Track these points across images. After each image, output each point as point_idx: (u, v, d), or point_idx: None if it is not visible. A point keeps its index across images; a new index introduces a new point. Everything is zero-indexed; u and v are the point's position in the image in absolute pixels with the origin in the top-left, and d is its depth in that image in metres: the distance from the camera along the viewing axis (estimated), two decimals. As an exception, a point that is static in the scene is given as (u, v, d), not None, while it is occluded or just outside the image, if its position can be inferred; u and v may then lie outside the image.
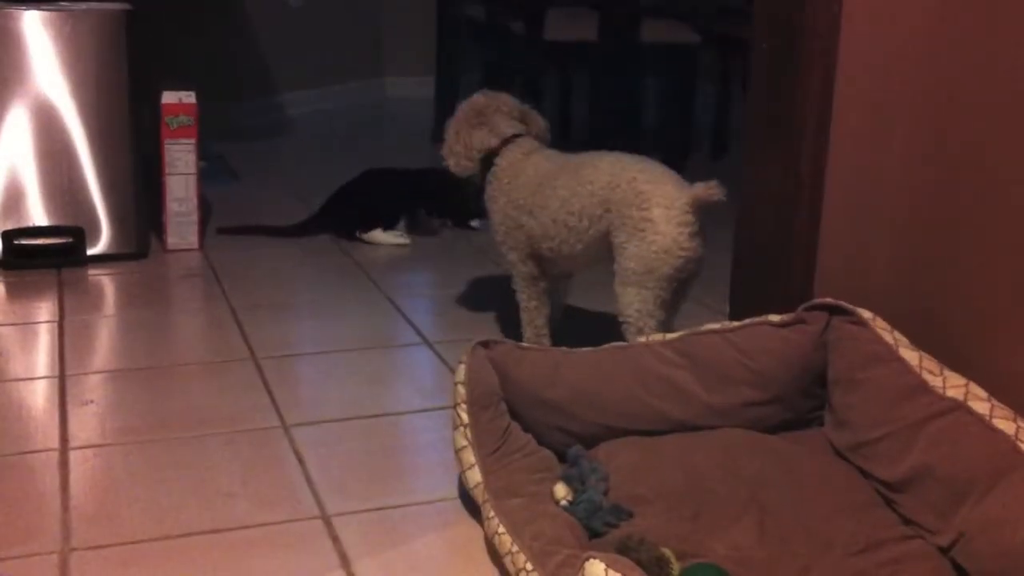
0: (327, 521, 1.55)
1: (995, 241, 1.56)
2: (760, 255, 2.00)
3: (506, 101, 2.13)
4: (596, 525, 1.43)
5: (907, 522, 1.45)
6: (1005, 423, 1.38)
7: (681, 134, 3.86)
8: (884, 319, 1.63)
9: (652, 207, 1.80)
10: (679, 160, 3.74)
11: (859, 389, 1.58)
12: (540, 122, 2.15)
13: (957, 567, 1.35)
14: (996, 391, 1.46)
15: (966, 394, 1.44)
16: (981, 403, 1.42)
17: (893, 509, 1.48)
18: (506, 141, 2.06)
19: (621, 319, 1.86)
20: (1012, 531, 1.27)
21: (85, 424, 1.83)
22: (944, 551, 1.37)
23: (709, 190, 1.79)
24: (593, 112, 3.98)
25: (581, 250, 1.93)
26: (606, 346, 1.72)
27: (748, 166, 2.02)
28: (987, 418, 1.39)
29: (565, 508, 1.46)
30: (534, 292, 2.06)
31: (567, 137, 4.36)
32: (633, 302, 1.83)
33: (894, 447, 1.48)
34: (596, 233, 1.89)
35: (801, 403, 1.69)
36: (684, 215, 1.80)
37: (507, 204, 2.02)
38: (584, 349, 1.72)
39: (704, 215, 1.83)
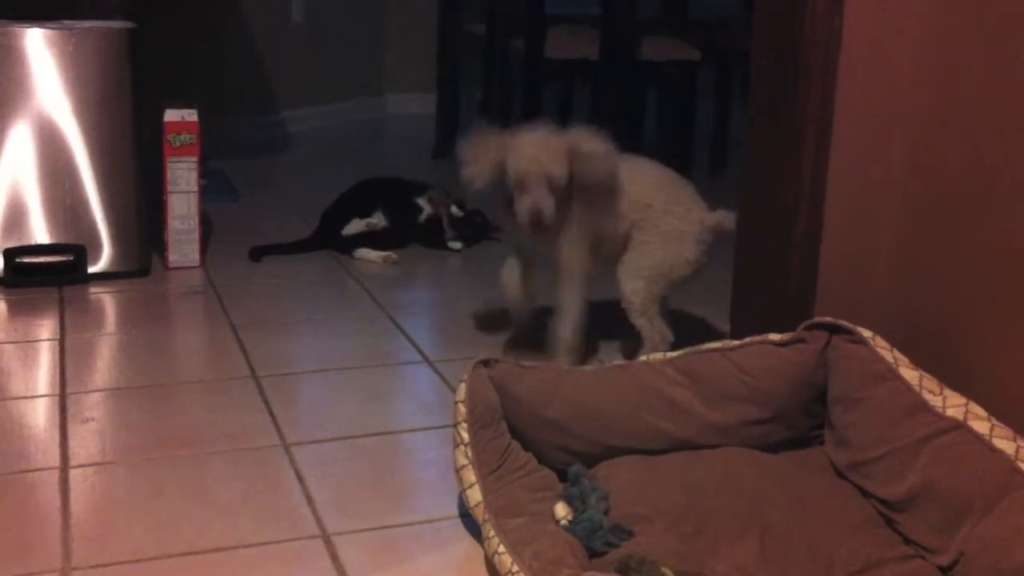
0: (327, 540, 1.55)
1: (997, 254, 1.57)
2: (760, 271, 2.00)
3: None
4: (597, 544, 1.43)
5: (907, 541, 1.45)
6: (1005, 443, 1.38)
7: (681, 148, 3.86)
8: (885, 334, 1.63)
9: (686, 223, 2.04)
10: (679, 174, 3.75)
11: (859, 408, 1.58)
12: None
13: (957, 587, 1.35)
14: (996, 408, 1.46)
15: (966, 413, 1.44)
16: (981, 422, 1.42)
17: (893, 528, 1.48)
18: None
19: (625, 304, 2.06)
20: (1011, 552, 1.27)
21: (86, 442, 1.83)
22: (944, 571, 1.37)
23: (727, 219, 2.04)
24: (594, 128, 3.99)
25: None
26: (607, 365, 1.72)
27: (748, 180, 2.03)
28: (987, 437, 1.39)
29: (565, 527, 1.46)
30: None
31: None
32: (640, 291, 2.05)
33: (894, 466, 1.49)
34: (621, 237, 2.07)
35: (802, 421, 1.69)
36: (705, 235, 2.06)
37: None
38: (585, 368, 1.72)
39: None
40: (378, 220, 2.99)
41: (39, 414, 1.95)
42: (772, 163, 1.94)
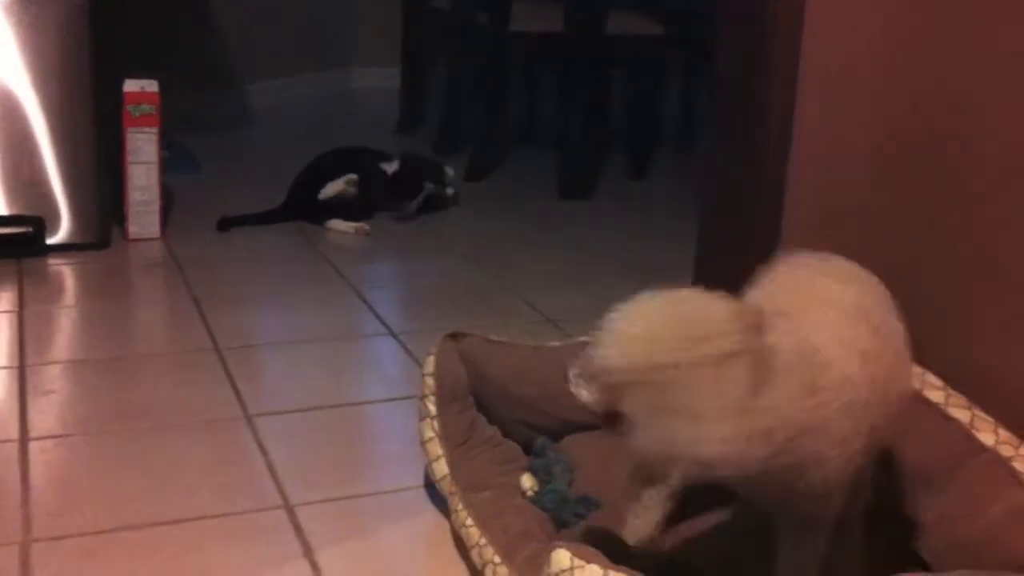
0: (290, 511, 1.55)
1: (969, 258, 1.58)
2: (723, 250, 2.01)
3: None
4: (566, 516, 1.44)
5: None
6: (960, 411, 1.40)
7: (647, 128, 3.87)
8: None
9: None
10: (644, 154, 3.76)
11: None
12: None
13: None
14: (965, 385, 1.47)
15: (922, 383, 1.46)
16: (936, 392, 1.44)
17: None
18: None
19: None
20: (967, 524, 1.29)
21: (45, 414, 1.81)
22: (903, 541, 1.39)
23: None
24: (559, 105, 3.99)
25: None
26: (576, 340, 1.72)
27: (710, 161, 2.04)
28: (942, 406, 1.41)
29: (531, 499, 1.47)
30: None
31: (530, 129, 4.37)
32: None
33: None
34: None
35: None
36: None
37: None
38: (553, 343, 1.72)
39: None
40: (349, 183, 2.98)
41: (-3, 386, 1.93)
42: (735, 145, 1.94)
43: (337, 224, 2.92)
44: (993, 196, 1.53)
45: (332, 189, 2.96)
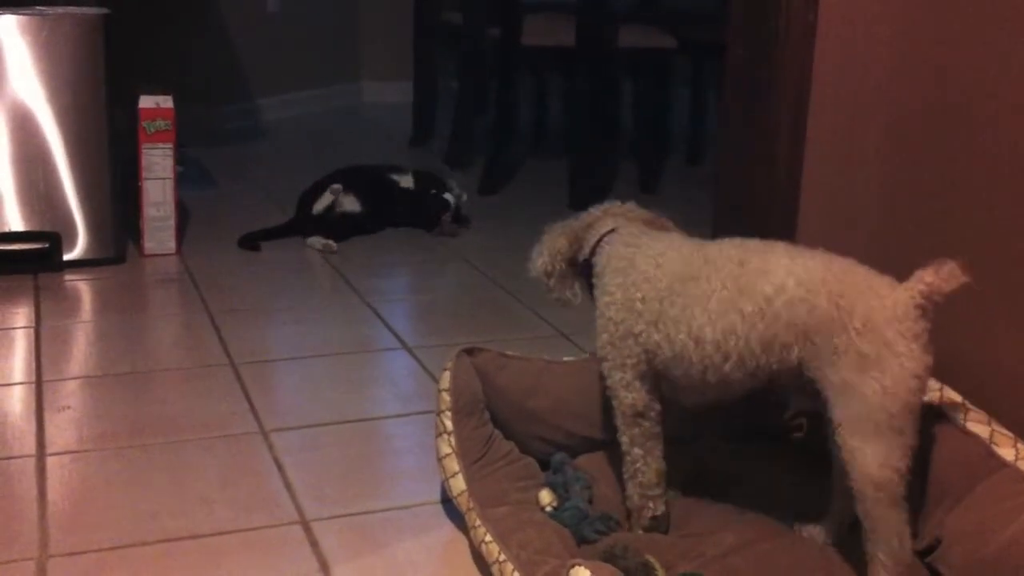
0: (306, 526, 1.55)
1: (966, 234, 1.58)
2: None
3: (629, 210, 1.61)
4: (587, 532, 1.44)
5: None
6: (979, 427, 1.39)
7: (657, 140, 3.87)
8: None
9: (883, 328, 1.25)
10: (656, 166, 3.76)
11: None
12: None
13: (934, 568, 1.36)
14: (969, 389, 1.47)
15: (940, 398, 1.45)
16: (955, 406, 1.43)
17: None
18: (600, 240, 1.55)
19: (856, 484, 1.28)
20: (987, 541, 1.28)
21: (62, 430, 1.82)
22: (921, 555, 1.38)
23: (942, 278, 1.25)
24: (569, 118, 3.99)
25: (743, 379, 1.36)
26: (589, 356, 1.72)
27: (722, 173, 2.03)
28: (961, 422, 1.41)
29: (551, 515, 1.47)
30: (639, 435, 1.46)
31: (541, 141, 4.38)
32: (877, 457, 1.26)
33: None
34: (777, 367, 1.33)
35: (777, 413, 1.70)
36: (918, 323, 1.26)
37: (612, 305, 1.45)
38: (567, 359, 1.72)
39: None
40: (336, 194, 2.97)
41: (15, 402, 1.93)
42: (747, 160, 1.94)
43: (314, 242, 2.91)
44: (1002, 196, 1.53)
45: (321, 204, 2.96)
